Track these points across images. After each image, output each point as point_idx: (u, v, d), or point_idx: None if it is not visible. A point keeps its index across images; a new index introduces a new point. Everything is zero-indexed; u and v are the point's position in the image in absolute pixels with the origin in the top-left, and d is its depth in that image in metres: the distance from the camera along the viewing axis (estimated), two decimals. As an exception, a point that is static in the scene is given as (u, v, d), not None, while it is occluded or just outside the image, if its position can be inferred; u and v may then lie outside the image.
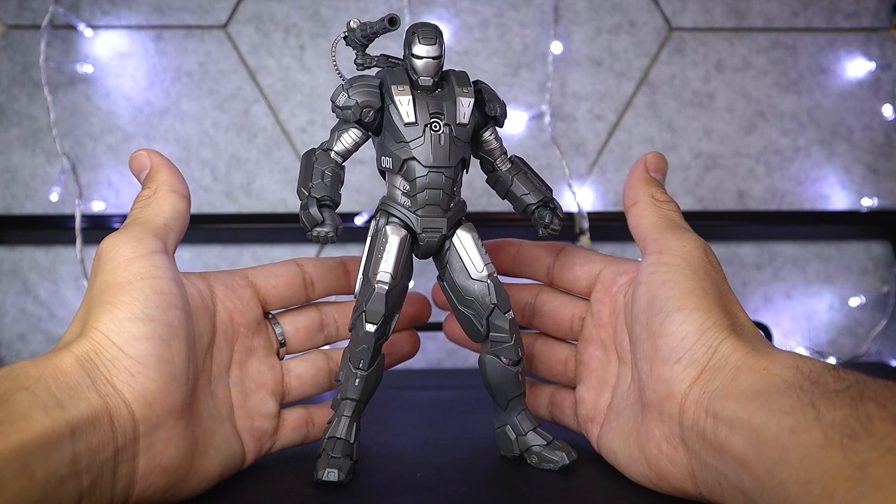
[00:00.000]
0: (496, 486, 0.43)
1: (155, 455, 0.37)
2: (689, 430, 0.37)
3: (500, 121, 0.46)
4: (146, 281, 0.38)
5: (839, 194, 0.77)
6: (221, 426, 0.42)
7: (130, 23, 0.73)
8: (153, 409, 0.36)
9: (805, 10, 0.76)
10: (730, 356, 0.37)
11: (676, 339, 0.38)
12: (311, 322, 0.47)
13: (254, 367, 0.45)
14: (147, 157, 0.44)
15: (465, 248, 0.44)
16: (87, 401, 0.34)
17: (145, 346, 0.36)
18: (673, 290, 0.39)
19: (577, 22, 0.75)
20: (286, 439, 0.46)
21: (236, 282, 0.45)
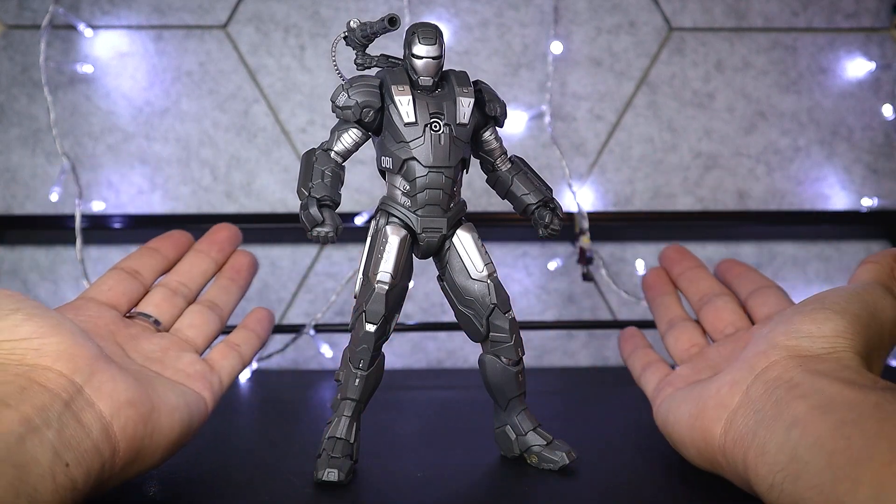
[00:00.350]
0: (496, 486, 0.43)
1: (109, 393, 0.37)
2: (761, 382, 0.38)
3: (500, 121, 0.46)
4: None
5: (839, 194, 0.77)
6: (157, 378, 0.43)
7: (130, 23, 0.73)
8: (76, 360, 0.37)
9: (805, 10, 0.75)
10: (843, 359, 0.38)
11: (813, 325, 0.39)
12: (163, 295, 0.51)
13: (145, 345, 0.46)
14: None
15: (465, 248, 0.44)
16: (8, 383, 0.35)
17: (28, 325, 0.37)
18: (844, 302, 0.40)
19: (577, 22, 0.75)
20: (225, 369, 0.48)
21: (77, 304, 0.48)
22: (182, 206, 0.74)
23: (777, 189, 0.76)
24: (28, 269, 0.75)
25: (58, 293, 0.75)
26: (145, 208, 0.74)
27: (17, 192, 0.74)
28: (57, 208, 0.72)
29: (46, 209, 0.73)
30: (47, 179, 0.74)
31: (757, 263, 0.77)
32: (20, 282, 0.74)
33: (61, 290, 0.75)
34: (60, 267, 0.75)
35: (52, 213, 0.73)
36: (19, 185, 0.74)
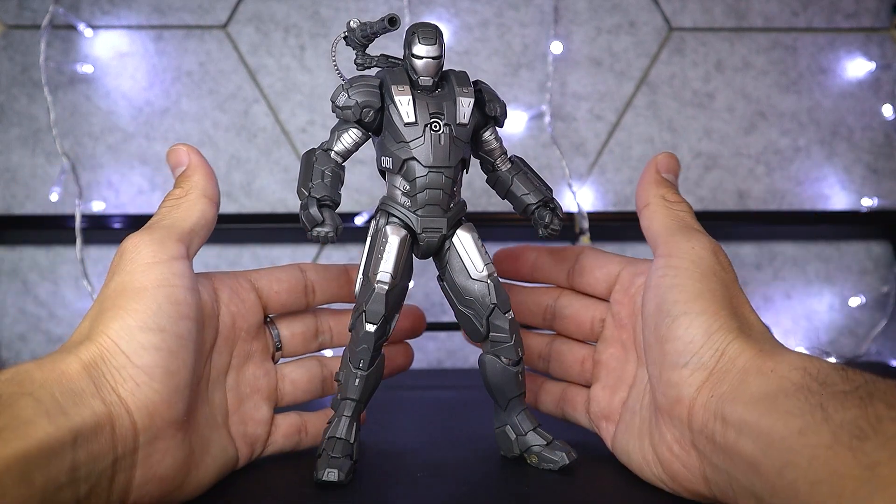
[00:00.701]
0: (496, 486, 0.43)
1: (153, 465, 0.36)
2: (699, 434, 0.37)
3: (500, 121, 0.46)
4: (161, 289, 0.37)
5: (839, 194, 0.77)
6: (217, 433, 0.42)
7: (130, 23, 0.73)
8: (154, 420, 0.36)
9: (805, 10, 0.75)
10: (737, 359, 0.37)
11: (683, 343, 0.38)
12: (307, 328, 0.47)
13: (250, 371, 0.45)
14: (186, 154, 0.43)
15: (465, 248, 0.44)
16: (91, 408, 0.34)
17: (153, 356, 0.36)
18: (680, 294, 0.39)
19: (577, 22, 0.75)
20: (277, 445, 0.46)
21: (240, 285, 0.44)
22: (182, 206, 0.74)
23: (777, 189, 0.76)
24: (28, 269, 0.75)
25: (58, 293, 0.75)
26: (145, 208, 0.74)
27: (17, 192, 0.74)
28: (57, 208, 0.72)
29: (46, 209, 0.73)
30: (47, 179, 0.74)
31: (757, 263, 0.77)
32: (20, 282, 0.74)
33: (61, 290, 0.75)
34: (60, 267, 0.75)
35: (52, 213, 0.73)
36: (19, 185, 0.74)
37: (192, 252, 0.41)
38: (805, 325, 0.78)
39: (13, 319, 0.75)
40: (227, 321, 0.43)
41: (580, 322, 0.48)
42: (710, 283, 0.40)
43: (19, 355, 0.75)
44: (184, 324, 0.38)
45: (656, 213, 0.44)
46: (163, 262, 0.38)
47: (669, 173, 0.45)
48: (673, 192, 0.44)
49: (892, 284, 0.77)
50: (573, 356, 0.48)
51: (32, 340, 0.75)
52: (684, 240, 0.41)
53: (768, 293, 0.77)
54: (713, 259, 0.41)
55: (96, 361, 0.35)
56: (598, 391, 0.46)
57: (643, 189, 0.45)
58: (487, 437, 0.48)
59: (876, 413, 0.30)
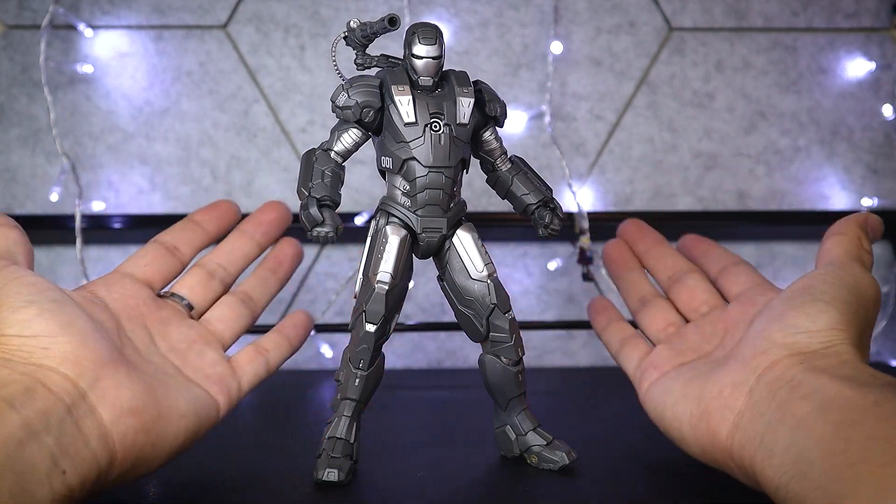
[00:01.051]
0: (496, 486, 0.43)
1: (112, 401, 0.37)
2: (764, 385, 0.38)
3: (500, 121, 0.46)
4: (11, 283, 0.38)
5: (839, 194, 0.77)
6: (173, 379, 0.43)
7: (130, 23, 0.73)
8: (82, 364, 0.37)
9: (805, 10, 0.75)
10: (842, 353, 0.38)
11: (807, 319, 0.39)
12: (199, 277, 0.49)
13: (174, 332, 0.46)
14: None
15: (465, 248, 0.44)
16: (15, 382, 0.35)
17: (38, 322, 0.37)
18: (832, 290, 0.40)
19: (577, 22, 0.75)
20: (248, 375, 0.47)
21: (110, 278, 0.47)
22: (182, 206, 0.74)
23: (777, 189, 0.76)
24: (28, 269, 0.75)
25: (58, 293, 0.75)
26: (145, 208, 0.74)
27: (17, 192, 0.74)
28: (57, 208, 0.72)
29: (46, 209, 0.73)
30: (47, 179, 0.74)
31: (757, 263, 0.77)
32: (20, 282, 0.74)
33: (61, 290, 0.75)
34: (60, 267, 0.75)
35: (52, 213, 0.73)
36: (19, 185, 0.74)
37: (23, 263, 0.42)
38: (805, 325, 0.78)
39: (13, 319, 0.75)
40: (118, 305, 0.44)
41: (694, 297, 0.50)
42: (859, 303, 0.41)
43: (19, 355, 0.75)
44: (50, 293, 0.39)
45: (846, 242, 0.45)
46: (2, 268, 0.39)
47: (873, 231, 0.47)
48: (868, 241, 0.46)
49: (892, 284, 0.77)
50: (665, 316, 0.50)
51: (32, 340, 0.75)
52: (857, 268, 0.43)
53: (768, 293, 0.77)
54: (874, 296, 0.42)
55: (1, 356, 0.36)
56: (664, 350, 0.47)
57: (845, 222, 0.46)
58: (487, 437, 0.48)
59: None
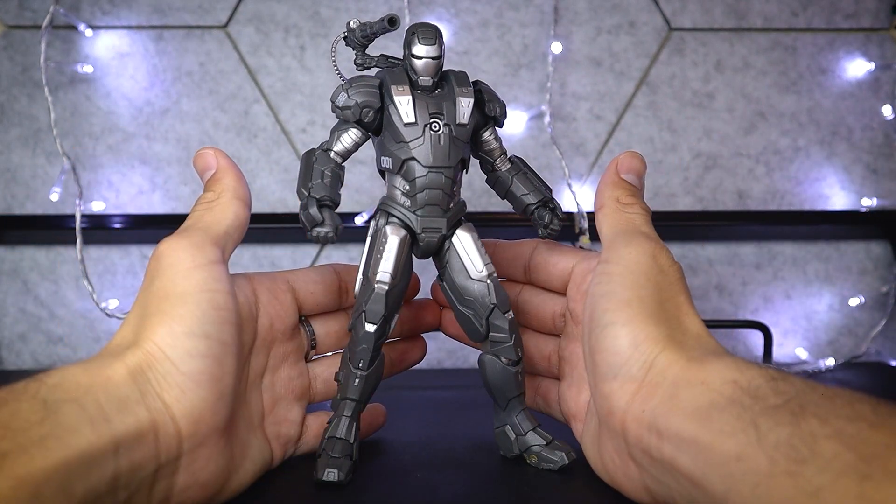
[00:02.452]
0: (496, 485, 0.43)
1: (195, 472, 0.36)
2: (635, 447, 0.37)
3: (500, 121, 0.46)
4: (204, 294, 0.37)
5: (839, 194, 0.77)
6: (254, 435, 0.42)
7: (130, 23, 0.73)
8: (199, 427, 0.36)
9: (805, 10, 0.76)
10: (666, 371, 0.36)
11: (611, 354, 0.38)
12: (341, 327, 0.47)
13: (285, 372, 0.45)
14: (214, 157, 0.43)
15: (465, 249, 0.44)
16: (136, 415, 0.33)
17: (199, 363, 0.36)
18: (609, 303, 0.39)
19: (577, 22, 0.75)
20: (308, 445, 0.46)
21: (278, 287, 0.44)
22: (182, 206, 0.74)
23: (777, 189, 0.76)
24: (28, 269, 0.75)
25: (58, 293, 0.75)
26: (145, 208, 0.74)
27: (18, 192, 0.74)
28: (57, 208, 0.72)
29: (46, 209, 0.73)
30: (47, 179, 0.74)
31: (757, 263, 0.77)
32: (21, 282, 0.75)
33: (61, 290, 0.75)
34: (60, 267, 0.75)
35: (53, 213, 0.73)
36: (19, 185, 0.74)
37: (228, 255, 0.40)
38: (805, 325, 0.78)
39: (13, 319, 0.75)
40: (265, 323, 0.43)
41: (542, 317, 0.48)
42: (640, 289, 0.38)
43: (20, 355, 0.75)
44: (227, 329, 0.38)
45: (607, 215, 0.43)
46: (202, 266, 0.38)
47: (630, 173, 0.44)
48: (628, 194, 0.43)
49: (891, 284, 0.77)
50: (539, 352, 0.48)
51: (33, 340, 0.75)
52: (623, 244, 0.41)
53: (768, 293, 0.77)
54: (651, 263, 0.40)
55: (142, 367, 0.35)
56: (566, 389, 0.46)
57: (599, 191, 0.44)
58: (487, 437, 0.48)
59: (810, 430, 0.30)
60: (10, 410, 0.30)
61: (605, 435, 0.39)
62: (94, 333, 0.75)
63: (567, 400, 0.46)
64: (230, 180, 0.42)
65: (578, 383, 0.45)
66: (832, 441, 0.29)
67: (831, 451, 0.28)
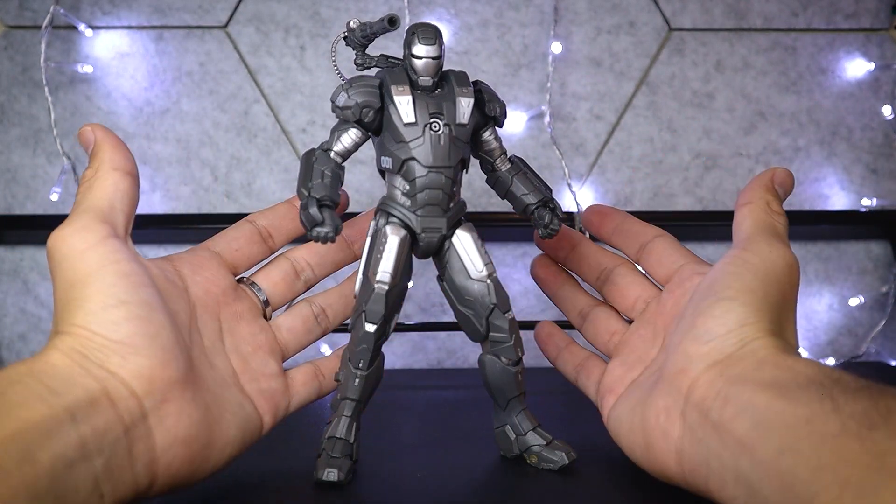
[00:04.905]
0: (496, 485, 0.43)
1: (170, 427, 0.36)
2: (693, 407, 0.37)
3: (500, 121, 0.46)
4: (107, 268, 0.37)
5: (839, 194, 0.77)
6: (230, 392, 0.42)
7: (131, 23, 0.73)
8: (153, 384, 0.36)
9: (805, 10, 0.76)
10: (758, 351, 0.37)
11: (715, 322, 0.39)
12: (285, 273, 0.48)
13: (245, 330, 0.45)
14: (91, 132, 0.41)
15: (465, 248, 0.44)
16: (83, 386, 0.34)
17: (127, 327, 0.36)
18: (735, 282, 0.40)
19: (577, 22, 0.75)
20: (300, 396, 0.46)
21: (200, 256, 0.45)
22: (182, 206, 0.74)
23: (777, 189, 0.76)
24: (28, 269, 0.75)
25: (58, 293, 0.75)
26: (145, 208, 0.74)
27: (18, 192, 0.74)
28: (57, 208, 0.72)
29: (47, 209, 0.73)
30: (48, 179, 0.74)
31: (757, 263, 0.77)
32: (20, 282, 0.75)
33: (61, 290, 0.75)
34: (61, 267, 0.75)
35: (53, 213, 0.73)
36: (20, 185, 0.74)
37: (121, 229, 0.40)
38: (805, 325, 0.78)
39: (13, 319, 0.75)
40: (198, 291, 0.43)
41: (627, 295, 0.49)
42: (768, 286, 0.40)
43: (20, 355, 0.75)
44: (143, 291, 0.38)
45: (754, 212, 0.44)
46: (94, 245, 0.38)
47: (782, 187, 0.46)
48: (778, 202, 0.45)
49: (891, 284, 0.77)
50: (607, 327, 0.49)
51: (33, 340, 0.75)
52: (766, 242, 0.42)
53: (768, 293, 0.77)
54: (786, 270, 0.41)
55: (75, 348, 0.35)
56: (616, 366, 0.47)
57: (751, 188, 0.45)
58: (487, 437, 0.48)
59: (887, 405, 0.31)
60: None
61: (660, 392, 0.40)
62: (94, 333, 0.75)
63: (613, 374, 0.46)
64: (105, 152, 0.41)
65: (632, 364, 0.46)
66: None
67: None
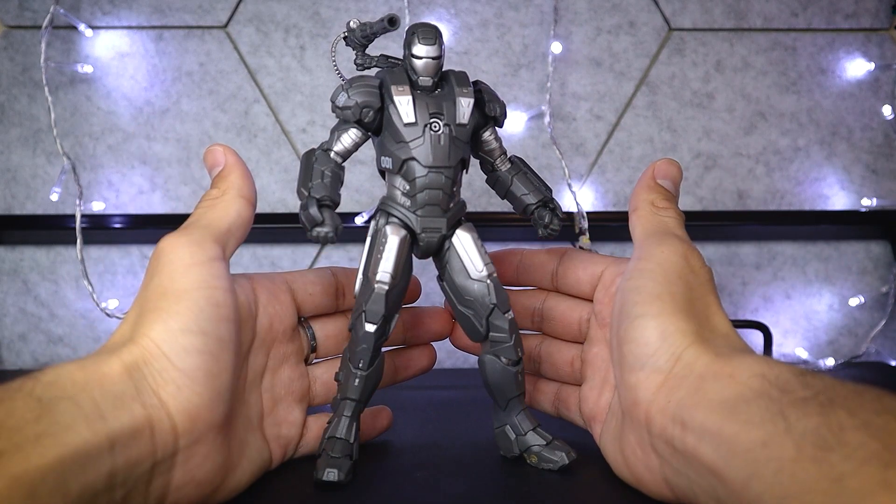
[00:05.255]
0: (496, 486, 0.43)
1: (192, 469, 0.36)
2: (658, 438, 0.37)
3: (500, 121, 0.46)
4: (202, 291, 0.37)
5: (839, 194, 0.77)
6: (253, 435, 0.42)
7: (131, 23, 0.73)
8: (195, 424, 0.36)
9: (805, 10, 0.76)
10: (694, 364, 0.37)
11: (639, 345, 0.38)
12: (340, 330, 0.48)
13: (285, 373, 0.45)
14: (223, 154, 0.43)
15: (465, 249, 0.44)
16: (131, 412, 0.33)
17: (195, 359, 0.36)
18: (639, 296, 0.39)
19: (577, 22, 0.75)
20: (308, 447, 0.46)
21: (277, 287, 0.44)
22: (182, 206, 0.74)
23: (777, 189, 0.77)
24: (28, 269, 0.75)
25: (58, 293, 0.75)
26: (145, 208, 0.74)
27: (18, 192, 0.74)
28: (57, 208, 0.72)
29: (47, 209, 0.73)
30: (48, 179, 0.74)
31: (757, 263, 0.77)
32: (21, 282, 0.75)
33: (62, 290, 0.75)
34: (60, 267, 0.75)
35: (53, 213, 0.73)
36: (20, 185, 0.74)
37: (229, 253, 0.41)
38: (805, 325, 0.78)
39: (14, 319, 0.75)
40: (264, 323, 0.43)
41: (568, 323, 0.48)
42: (671, 285, 0.39)
43: (20, 355, 0.75)
44: (224, 326, 0.38)
45: (641, 217, 0.44)
46: (201, 263, 0.38)
47: (666, 179, 0.45)
48: (663, 198, 0.45)
49: (891, 284, 0.77)
50: (562, 357, 0.49)
51: (33, 340, 0.75)
52: (656, 244, 0.42)
53: (768, 293, 0.77)
54: (682, 262, 0.40)
55: (138, 364, 0.35)
56: (587, 391, 0.47)
57: (635, 194, 0.45)
58: (487, 437, 0.48)
59: (838, 421, 0.30)
60: (6, 409, 0.30)
61: (627, 427, 0.40)
62: (94, 333, 0.75)
63: (588, 401, 0.46)
64: (236, 178, 0.42)
65: (600, 385, 0.46)
66: (859, 431, 0.29)
67: (857, 440, 0.29)
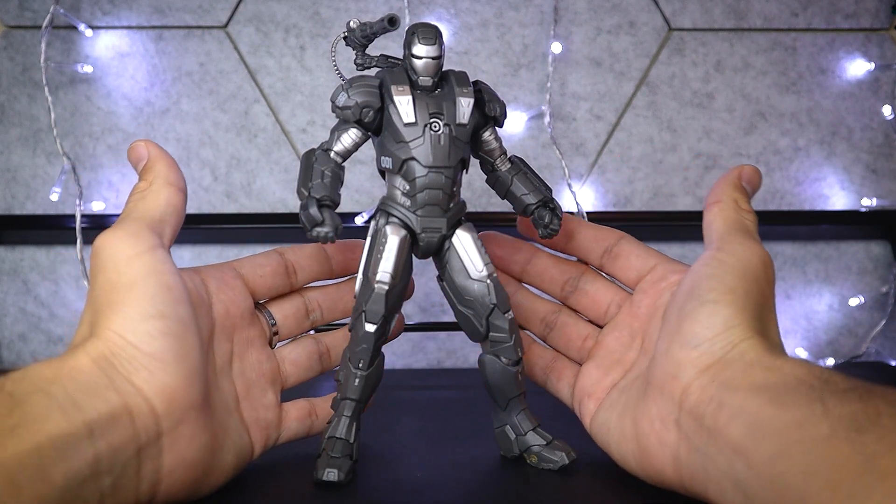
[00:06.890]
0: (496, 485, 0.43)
1: (180, 450, 0.36)
2: (687, 414, 0.37)
3: (500, 121, 0.46)
4: (152, 277, 0.37)
5: (838, 194, 0.77)
6: (231, 418, 0.42)
7: (131, 23, 0.73)
8: (174, 405, 0.36)
9: (805, 10, 0.76)
10: (746, 353, 0.37)
11: (702, 326, 0.39)
12: (297, 309, 0.48)
13: (253, 357, 0.45)
14: (144, 148, 0.43)
15: (465, 248, 0.44)
16: (106, 400, 0.34)
17: (161, 342, 0.36)
18: (716, 284, 0.40)
19: (576, 22, 0.75)
20: (291, 431, 0.46)
21: (226, 274, 0.45)
22: (182, 206, 0.74)
23: (777, 189, 0.77)
24: (28, 269, 0.75)
25: (58, 293, 0.75)
26: (145, 208, 0.74)
27: (18, 192, 0.74)
28: (57, 208, 0.72)
29: (47, 209, 0.73)
30: (48, 179, 0.74)
31: (757, 263, 0.77)
32: (20, 282, 0.75)
33: (62, 290, 0.75)
34: (60, 267, 0.75)
35: (53, 213, 0.73)
36: (20, 185, 0.74)
37: (168, 241, 0.41)
38: (805, 325, 0.78)
39: (13, 319, 0.75)
40: (220, 310, 0.43)
41: (598, 301, 0.48)
42: (747, 284, 0.40)
43: (20, 355, 0.75)
44: (182, 307, 0.38)
45: (724, 211, 0.44)
46: (143, 252, 0.38)
47: (749, 185, 0.46)
48: (746, 200, 0.45)
49: (891, 284, 0.77)
50: (578, 331, 0.49)
51: (33, 340, 0.75)
52: (738, 241, 0.42)
53: (768, 293, 0.77)
54: (760, 267, 0.41)
55: (105, 355, 0.35)
56: (591, 369, 0.47)
57: (719, 187, 0.45)
58: (487, 437, 0.48)
59: (876, 408, 0.31)
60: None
61: (652, 399, 0.40)
62: (94, 333, 0.75)
63: (588, 378, 0.46)
64: (161, 167, 0.42)
65: (608, 366, 0.46)
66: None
67: (893, 425, 0.30)
